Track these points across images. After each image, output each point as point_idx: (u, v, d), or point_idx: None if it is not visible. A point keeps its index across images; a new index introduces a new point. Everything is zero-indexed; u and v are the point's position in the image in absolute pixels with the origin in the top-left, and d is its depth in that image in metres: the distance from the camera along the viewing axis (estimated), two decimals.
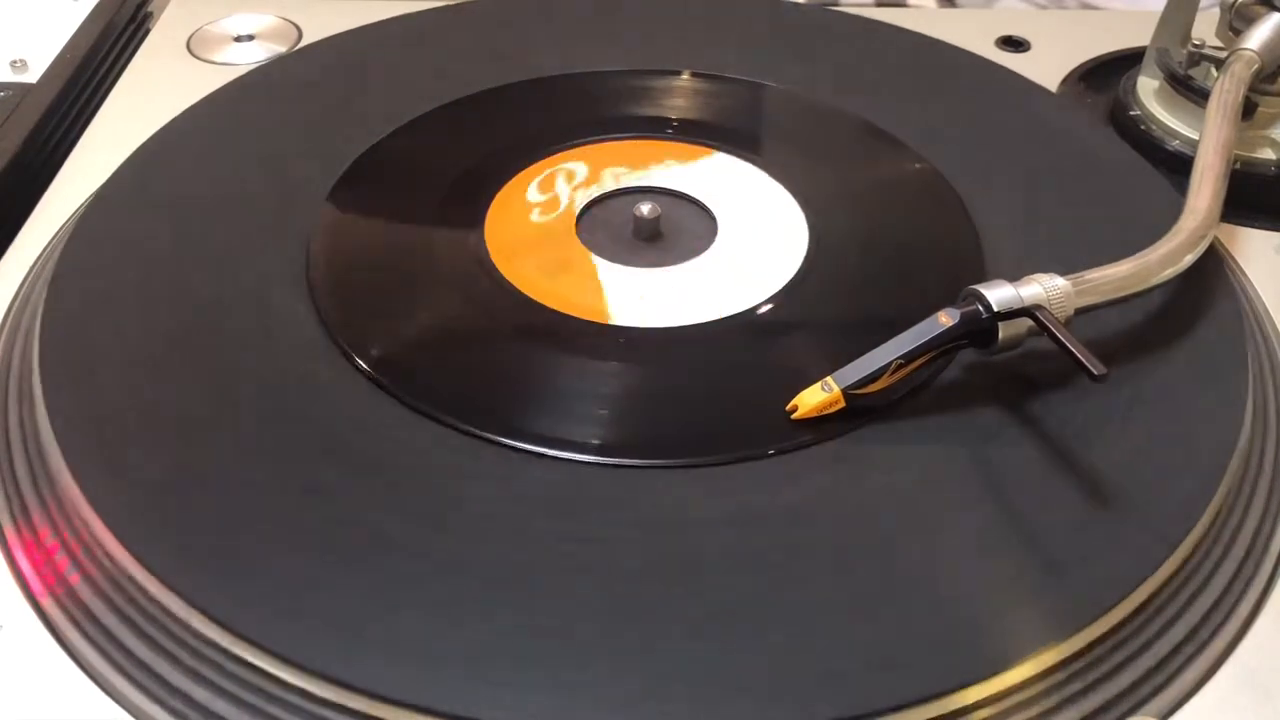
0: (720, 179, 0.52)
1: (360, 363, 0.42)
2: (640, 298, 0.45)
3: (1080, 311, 0.40)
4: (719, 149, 0.53)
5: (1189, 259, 0.43)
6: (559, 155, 0.52)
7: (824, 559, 0.36)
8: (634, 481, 0.38)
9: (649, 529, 0.37)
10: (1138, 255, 0.42)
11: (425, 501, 0.37)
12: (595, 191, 0.50)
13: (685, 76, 0.58)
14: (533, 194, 0.50)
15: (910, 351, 0.39)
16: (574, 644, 0.33)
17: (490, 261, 0.47)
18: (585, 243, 0.48)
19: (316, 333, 0.43)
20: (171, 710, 0.33)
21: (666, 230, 0.49)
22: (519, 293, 0.45)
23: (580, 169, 0.51)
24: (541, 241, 0.48)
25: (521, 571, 0.35)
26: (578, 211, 0.49)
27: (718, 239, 0.49)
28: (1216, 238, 0.46)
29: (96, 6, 0.64)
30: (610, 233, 0.49)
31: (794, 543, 0.36)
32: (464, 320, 0.45)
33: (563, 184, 0.50)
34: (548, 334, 0.44)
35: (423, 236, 0.48)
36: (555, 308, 0.44)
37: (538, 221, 0.48)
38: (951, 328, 0.39)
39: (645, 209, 0.48)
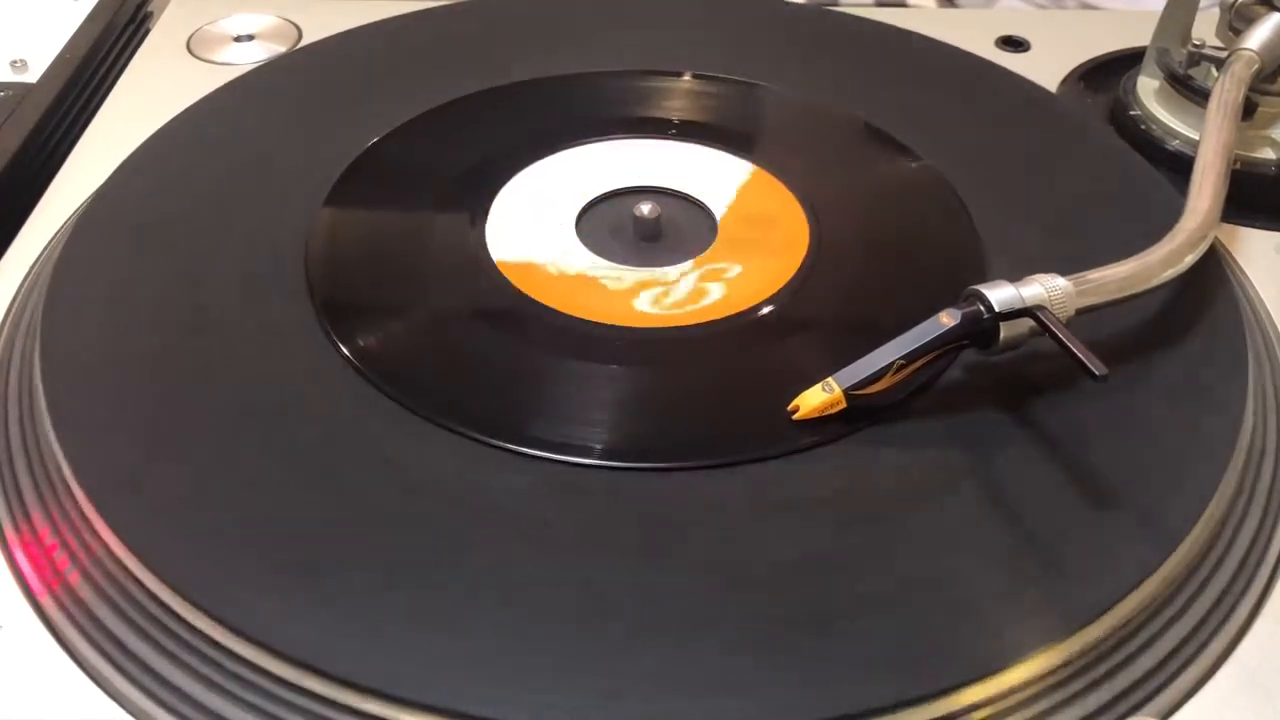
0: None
1: (359, 363, 0.42)
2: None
3: (1081, 312, 0.40)
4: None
5: (1190, 259, 0.43)
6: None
7: (824, 559, 0.36)
8: (633, 484, 0.38)
9: (648, 531, 0.36)
10: (1139, 255, 0.42)
11: (425, 502, 0.37)
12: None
13: (685, 77, 0.58)
14: None
15: (912, 352, 0.39)
16: (570, 644, 0.33)
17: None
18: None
19: (316, 332, 0.43)
20: (171, 710, 0.33)
21: (666, 230, 0.49)
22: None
23: None
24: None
25: (520, 572, 0.35)
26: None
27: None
28: (1217, 238, 0.46)
29: (96, 6, 0.64)
30: (610, 232, 0.49)
31: (793, 543, 0.36)
32: (462, 320, 0.45)
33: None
34: (547, 335, 0.44)
35: (423, 237, 0.48)
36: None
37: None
38: (953, 328, 0.39)
39: (645, 209, 0.48)
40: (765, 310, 0.45)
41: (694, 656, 0.33)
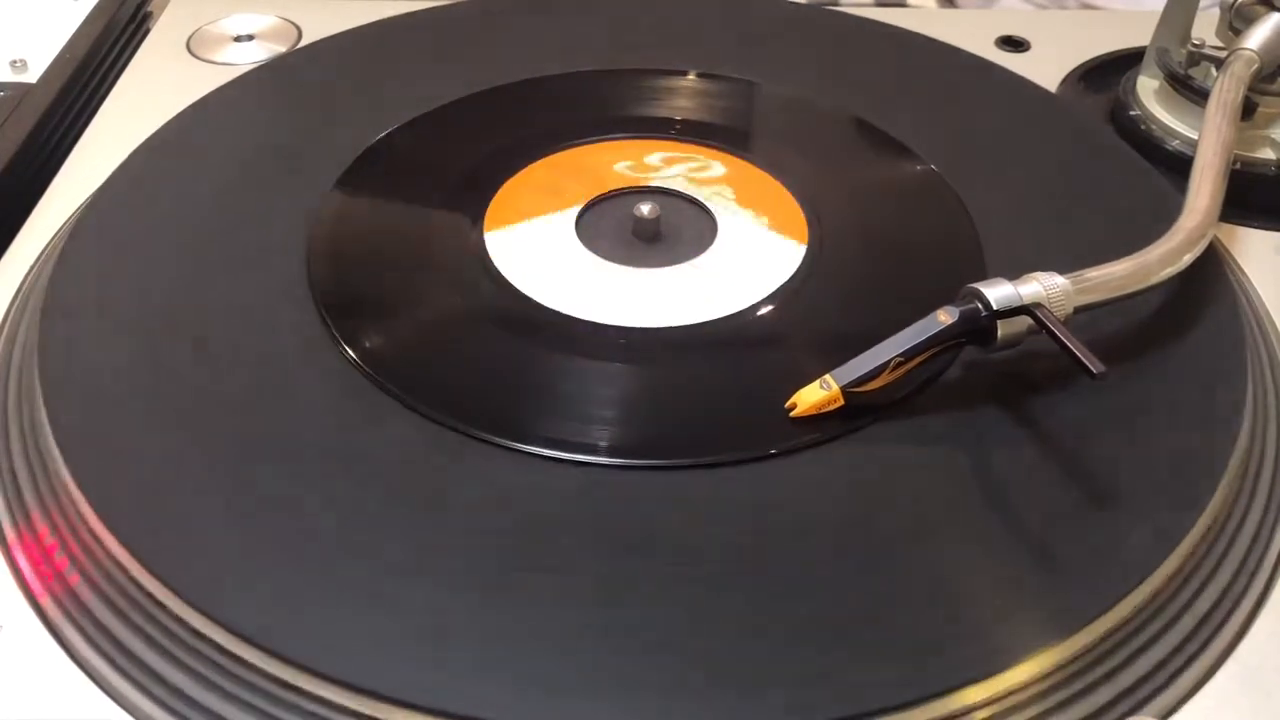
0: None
1: (361, 362, 0.42)
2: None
3: (1080, 310, 0.40)
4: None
5: (1188, 258, 0.43)
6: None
7: (824, 558, 0.36)
8: (632, 482, 0.38)
9: (648, 530, 0.36)
10: (1137, 254, 0.42)
11: (426, 503, 0.37)
12: None
13: (685, 77, 0.58)
14: None
15: (909, 349, 0.39)
16: (571, 644, 0.33)
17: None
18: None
19: (318, 332, 0.43)
20: (171, 710, 0.33)
21: (666, 230, 0.49)
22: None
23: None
24: None
25: (520, 572, 0.35)
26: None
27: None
28: (1216, 237, 0.46)
29: (96, 6, 0.64)
30: (609, 233, 0.49)
31: (794, 542, 0.36)
32: (463, 320, 0.45)
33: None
34: (547, 334, 0.44)
35: (423, 237, 0.48)
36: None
37: None
38: (951, 326, 0.39)
39: (645, 209, 0.48)
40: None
41: (695, 656, 0.33)
